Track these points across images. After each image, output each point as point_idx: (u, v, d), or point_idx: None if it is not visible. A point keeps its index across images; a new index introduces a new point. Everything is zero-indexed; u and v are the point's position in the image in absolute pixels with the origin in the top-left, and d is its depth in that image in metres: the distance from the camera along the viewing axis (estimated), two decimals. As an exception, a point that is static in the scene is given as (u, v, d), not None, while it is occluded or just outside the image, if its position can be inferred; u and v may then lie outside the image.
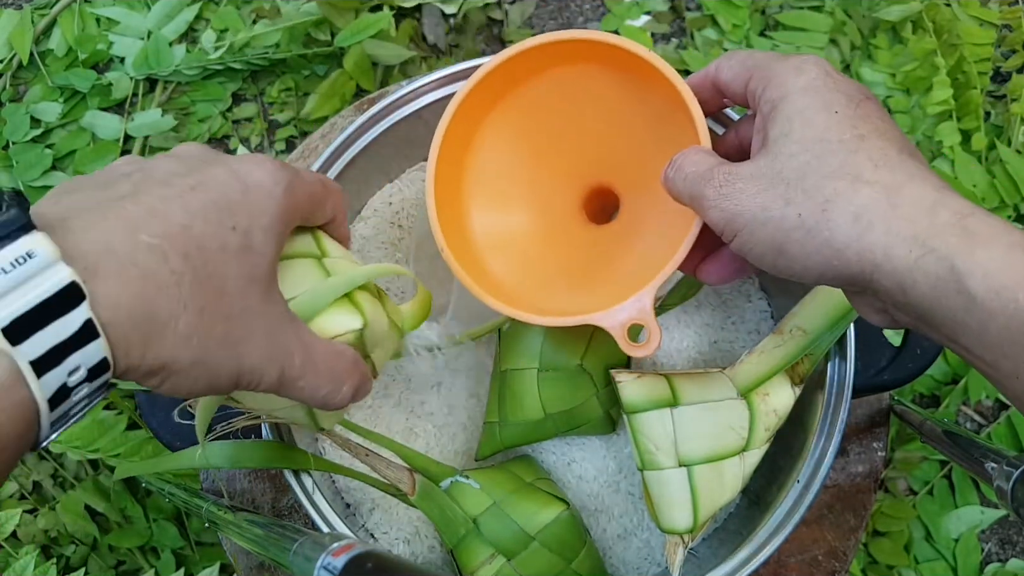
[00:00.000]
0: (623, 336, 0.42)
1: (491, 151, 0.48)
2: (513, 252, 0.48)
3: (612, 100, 0.45)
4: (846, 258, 0.29)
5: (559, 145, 0.47)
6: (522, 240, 0.48)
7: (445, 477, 0.48)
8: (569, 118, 0.47)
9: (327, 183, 0.35)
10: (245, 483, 0.56)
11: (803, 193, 0.30)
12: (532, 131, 0.47)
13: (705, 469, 0.45)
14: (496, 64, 0.44)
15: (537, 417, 0.50)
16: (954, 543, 0.63)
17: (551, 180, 0.48)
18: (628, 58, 0.42)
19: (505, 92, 0.46)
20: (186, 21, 0.74)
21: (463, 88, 0.45)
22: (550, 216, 0.48)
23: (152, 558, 0.64)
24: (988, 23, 0.74)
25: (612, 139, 0.46)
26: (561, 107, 0.46)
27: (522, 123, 0.47)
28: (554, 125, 0.47)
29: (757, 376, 0.46)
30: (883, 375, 0.49)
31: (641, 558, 0.53)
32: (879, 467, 0.56)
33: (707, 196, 0.33)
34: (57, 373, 0.23)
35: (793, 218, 0.30)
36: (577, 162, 0.48)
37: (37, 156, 0.70)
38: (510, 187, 0.48)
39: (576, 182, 0.48)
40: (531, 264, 0.48)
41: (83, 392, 0.24)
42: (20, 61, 0.73)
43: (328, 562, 0.35)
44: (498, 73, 0.45)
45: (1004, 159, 0.70)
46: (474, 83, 0.45)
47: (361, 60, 0.71)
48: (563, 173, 0.48)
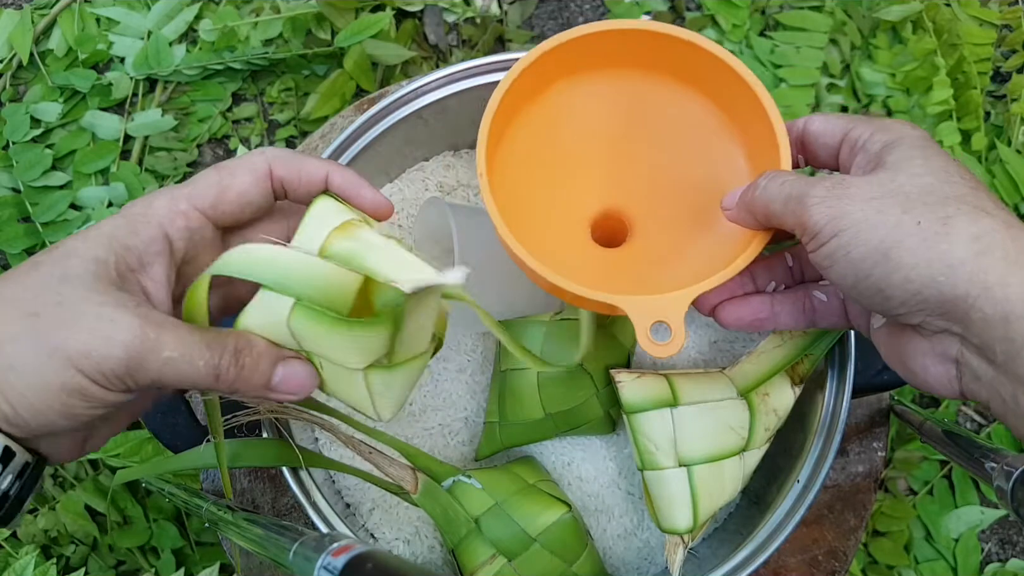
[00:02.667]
0: (645, 330, 0.39)
1: (513, 157, 0.44)
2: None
3: (650, 112, 0.43)
4: (956, 276, 0.28)
5: (579, 160, 0.44)
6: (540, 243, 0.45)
7: (447, 476, 0.48)
8: (593, 131, 0.44)
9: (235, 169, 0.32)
10: (245, 483, 0.56)
11: (924, 206, 0.29)
12: (555, 141, 0.44)
13: (705, 469, 0.45)
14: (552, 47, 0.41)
15: (537, 417, 0.50)
16: (954, 543, 0.63)
17: (567, 190, 0.44)
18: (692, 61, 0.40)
19: (536, 92, 0.43)
20: (186, 21, 0.74)
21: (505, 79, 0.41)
22: (565, 224, 0.45)
23: (152, 558, 0.64)
24: (988, 23, 0.74)
25: (637, 157, 0.43)
26: (590, 118, 0.44)
27: (543, 132, 0.44)
28: (577, 138, 0.44)
29: (757, 376, 0.46)
30: (883, 375, 0.49)
31: (641, 558, 0.53)
32: (879, 467, 0.56)
33: (814, 194, 0.31)
34: None
35: (910, 224, 0.29)
36: (595, 178, 0.44)
37: (37, 156, 0.70)
38: (527, 196, 0.45)
39: (589, 200, 0.44)
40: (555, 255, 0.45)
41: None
42: (20, 61, 0.73)
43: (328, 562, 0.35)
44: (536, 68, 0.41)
45: (1004, 159, 0.70)
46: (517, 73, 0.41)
47: (361, 60, 0.71)
48: (579, 186, 0.44)
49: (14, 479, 0.29)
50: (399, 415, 0.54)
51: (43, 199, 0.69)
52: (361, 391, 0.32)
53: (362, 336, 0.29)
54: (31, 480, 0.30)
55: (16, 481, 0.29)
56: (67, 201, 0.70)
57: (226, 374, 0.29)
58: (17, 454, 0.28)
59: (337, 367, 0.30)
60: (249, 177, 0.32)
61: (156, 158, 0.72)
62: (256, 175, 0.32)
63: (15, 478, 0.29)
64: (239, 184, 0.32)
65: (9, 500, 0.29)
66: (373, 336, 0.30)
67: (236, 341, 0.30)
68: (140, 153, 0.72)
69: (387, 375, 0.30)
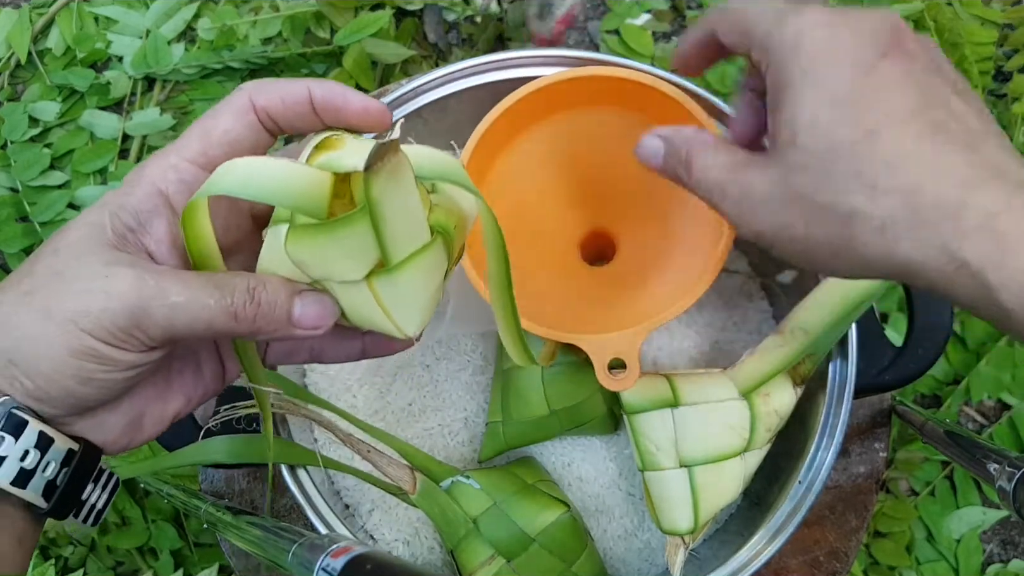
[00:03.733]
0: (603, 365, 0.43)
1: (503, 187, 0.48)
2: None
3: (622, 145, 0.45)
4: (881, 269, 0.28)
5: (563, 186, 0.48)
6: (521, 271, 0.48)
7: (446, 477, 0.48)
8: (573, 162, 0.47)
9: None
10: (244, 484, 0.55)
11: (821, 210, 0.28)
12: (538, 174, 0.48)
13: (706, 470, 0.45)
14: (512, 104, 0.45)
15: (542, 413, 0.50)
16: (956, 544, 0.63)
17: (553, 220, 0.48)
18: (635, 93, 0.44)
19: (518, 131, 0.47)
20: (184, 20, 0.73)
21: (483, 122, 0.45)
22: (550, 255, 0.49)
23: (151, 559, 0.64)
24: (990, 22, 0.74)
25: (613, 184, 0.47)
26: (567, 150, 0.47)
27: (529, 165, 0.48)
28: (559, 168, 0.48)
29: (758, 376, 0.46)
30: (885, 375, 0.49)
31: (642, 559, 0.53)
32: (880, 468, 0.56)
33: (726, 213, 0.31)
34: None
35: (818, 239, 0.28)
36: (577, 206, 0.48)
37: (35, 155, 0.70)
38: (517, 224, 0.47)
39: (575, 225, 0.49)
40: (526, 287, 0.47)
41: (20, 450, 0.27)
42: (18, 60, 0.73)
43: (327, 563, 0.35)
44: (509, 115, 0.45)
45: (1006, 158, 0.70)
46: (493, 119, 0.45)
47: (360, 59, 0.71)
48: (564, 215, 0.49)
49: (58, 467, 0.28)
50: (392, 416, 0.54)
51: (41, 198, 0.69)
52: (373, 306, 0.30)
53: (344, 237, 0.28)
54: (81, 469, 0.29)
55: (61, 469, 0.28)
56: (65, 200, 0.69)
57: (243, 312, 0.28)
58: (56, 440, 0.28)
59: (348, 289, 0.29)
60: (230, 115, 0.30)
61: (155, 157, 0.72)
62: (237, 111, 0.30)
63: (59, 466, 0.28)
64: (222, 124, 0.30)
65: (58, 489, 0.28)
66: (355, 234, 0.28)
67: (248, 280, 0.28)
68: (139, 152, 0.72)
69: (391, 279, 0.29)
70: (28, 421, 0.27)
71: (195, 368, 0.32)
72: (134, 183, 0.30)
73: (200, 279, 0.28)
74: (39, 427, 0.27)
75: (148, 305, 0.27)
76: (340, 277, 0.29)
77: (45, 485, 0.28)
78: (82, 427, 0.29)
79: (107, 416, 0.30)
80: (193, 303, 0.27)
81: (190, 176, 0.30)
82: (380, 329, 0.31)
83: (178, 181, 0.30)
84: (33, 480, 0.28)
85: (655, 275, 0.46)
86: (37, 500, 0.28)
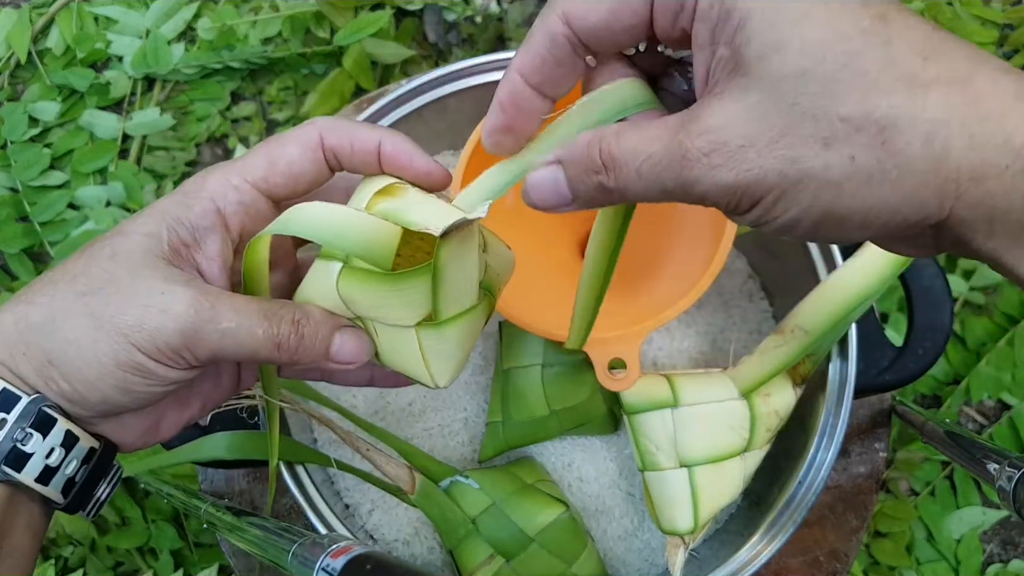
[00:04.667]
0: (603, 365, 0.43)
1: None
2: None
3: None
4: (921, 199, 0.21)
5: None
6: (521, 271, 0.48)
7: (445, 476, 0.48)
8: None
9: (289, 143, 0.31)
10: (244, 484, 0.55)
11: (845, 124, 0.21)
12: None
13: (706, 470, 0.45)
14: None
15: (542, 413, 0.50)
16: (956, 544, 0.63)
17: (553, 220, 0.48)
18: None
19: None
20: (184, 20, 0.73)
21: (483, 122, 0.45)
22: (550, 255, 0.49)
23: (150, 559, 0.64)
24: (990, 22, 0.74)
25: None
26: None
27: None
28: None
29: (758, 376, 0.46)
30: (885, 375, 0.49)
31: (642, 559, 0.53)
32: (881, 468, 0.56)
33: (696, 179, 0.23)
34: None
35: (844, 165, 0.21)
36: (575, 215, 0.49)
37: (35, 155, 0.70)
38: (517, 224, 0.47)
39: (575, 225, 0.49)
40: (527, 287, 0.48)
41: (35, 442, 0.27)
42: (18, 60, 0.73)
43: (327, 563, 0.35)
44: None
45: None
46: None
47: (361, 59, 0.71)
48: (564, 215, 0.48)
49: (79, 464, 0.29)
50: (392, 416, 0.54)
51: (41, 198, 0.69)
52: (415, 353, 0.31)
53: (404, 288, 0.29)
54: (99, 467, 0.30)
55: (82, 467, 0.29)
56: (65, 200, 0.69)
57: (286, 343, 0.29)
58: (80, 439, 0.28)
59: (390, 332, 0.30)
60: (298, 148, 0.31)
61: (154, 157, 0.72)
62: (305, 145, 0.31)
63: (80, 464, 0.29)
64: (288, 154, 0.31)
65: (76, 486, 0.29)
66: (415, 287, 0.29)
67: (294, 311, 0.29)
68: (138, 152, 0.72)
69: (438, 333, 0.30)
70: (56, 419, 0.28)
71: (215, 377, 0.33)
72: (193, 195, 0.30)
73: (251, 306, 0.28)
74: (67, 426, 0.28)
75: (201, 328, 0.27)
76: (392, 321, 0.30)
77: (65, 482, 0.29)
78: (104, 427, 0.30)
79: (130, 419, 0.30)
80: (242, 331, 0.28)
81: (249, 199, 0.30)
82: (411, 375, 0.32)
83: (237, 202, 0.30)
84: (55, 477, 0.28)
85: (655, 275, 0.46)
86: (56, 496, 0.29)
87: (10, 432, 0.27)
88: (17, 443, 0.27)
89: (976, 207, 0.21)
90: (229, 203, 0.30)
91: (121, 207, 0.69)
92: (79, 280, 0.28)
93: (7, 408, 0.27)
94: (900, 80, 0.21)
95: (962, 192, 0.21)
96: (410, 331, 0.30)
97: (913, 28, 0.21)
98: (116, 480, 0.32)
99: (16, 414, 0.27)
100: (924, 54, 0.21)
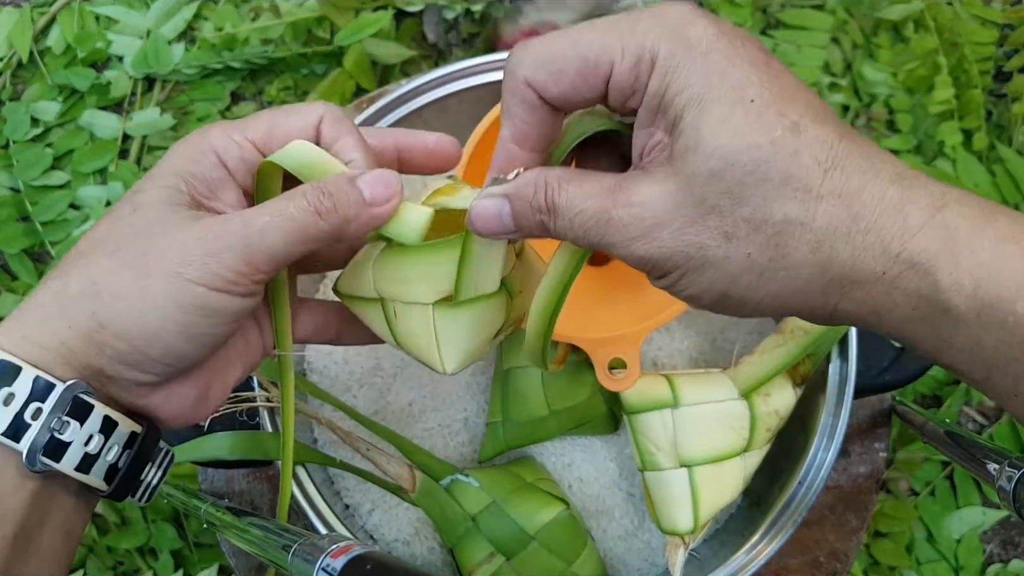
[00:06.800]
0: (603, 365, 0.43)
1: None
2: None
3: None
4: (809, 294, 0.24)
5: None
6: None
7: (445, 475, 0.48)
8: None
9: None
10: (244, 484, 0.55)
11: (745, 224, 0.24)
12: None
13: (706, 470, 0.45)
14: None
15: (542, 414, 0.50)
16: (956, 544, 0.63)
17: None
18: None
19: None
20: (185, 20, 0.73)
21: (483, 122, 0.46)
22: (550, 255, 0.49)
23: (150, 559, 0.64)
24: (990, 22, 0.74)
25: None
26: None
27: None
28: None
29: (758, 376, 0.46)
30: (885, 375, 0.49)
31: (642, 559, 0.53)
32: (881, 468, 0.56)
33: (615, 244, 0.25)
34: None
35: (740, 258, 0.24)
36: None
37: (37, 155, 0.70)
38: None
39: None
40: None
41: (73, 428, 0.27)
42: (19, 59, 0.73)
43: (327, 564, 0.35)
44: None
45: (1005, 159, 0.70)
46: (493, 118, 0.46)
47: (361, 59, 0.71)
48: None
49: (120, 450, 0.28)
50: (391, 416, 0.54)
51: (43, 198, 0.69)
52: (429, 333, 0.31)
53: (432, 261, 0.30)
54: (143, 451, 0.29)
55: (124, 452, 0.28)
56: (67, 201, 0.69)
57: (322, 205, 0.28)
58: (120, 424, 0.28)
59: (409, 312, 0.31)
60: (298, 123, 0.31)
61: (155, 157, 0.72)
62: (305, 123, 0.31)
63: (121, 449, 0.28)
64: (289, 126, 0.31)
65: (120, 472, 0.29)
66: (441, 262, 0.30)
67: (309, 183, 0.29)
68: (139, 152, 0.72)
69: (453, 314, 0.31)
70: (94, 405, 0.27)
71: (243, 336, 0.33)
72: (198, 151, 0.30)
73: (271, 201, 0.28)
74: (104, 411, 0.27)
75: (245, 236, 0.27)
76: (412, 298, 0.31)
77: (107, 468, 0.28)
78: (154, 400, 0.29)
79: (179, 388, 0.30)
80: (278, 217, 0.28)
81: (251, 156, 0.30)
82: (422, 358, 0.32)
83: (240, 159, 0.30)
84: (96, 464, 0.28)
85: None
86: (99, 484, 0.28)
87: (46, 422, 0.26)
88: (54, 432, 0.26)
89: (861, 305, 0.24)
90: (231, 158, 0.30)
91: (121, 207, 0.69)
92: (108, 242, 0.28)
93: (42, 397, 0.26)
94: (798, 190, 0.23)
95: (845, 292, 0.24)
96: (427, 309, 0.31)
97: (822, 141, 0.24)
98: (167, 463, 0.31)
99: (52, 402, 0.26)
100: (826, 166, 0.23)
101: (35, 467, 0.26)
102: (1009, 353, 0.23)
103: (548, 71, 0.26)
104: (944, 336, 0.24)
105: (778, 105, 0.24)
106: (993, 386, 0.24)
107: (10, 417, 0.26)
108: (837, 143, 0.24)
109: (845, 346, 0.47)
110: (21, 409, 0.26)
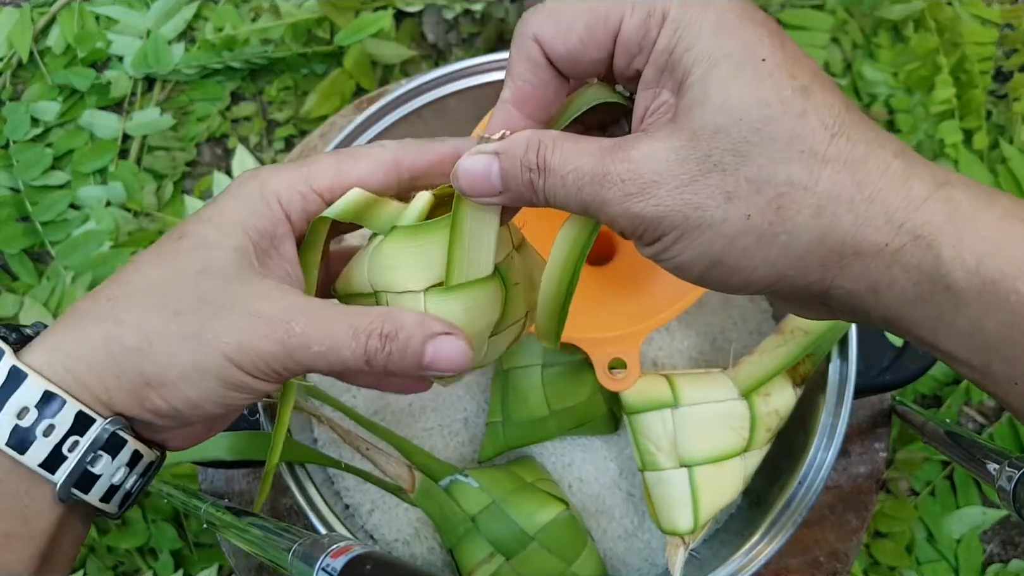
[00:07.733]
0: (603, 365, 0.43)
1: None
2: None
3: None
4: (805, 265, 0.24)
5: None
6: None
7: (444, 475, 0.48)
8: None
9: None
10: (244, 484, 0.55)
11: (747, 183, 0.23)
12: None
13: (706, 470, 0.45)
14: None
15: (542, 414, 0.50)
16: (956, 544, 0.63)
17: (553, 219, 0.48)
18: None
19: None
20: (185, 20, 0.73)
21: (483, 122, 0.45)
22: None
23: (150, 559, 0.64)
24: (990, 22, 0.74)
25: None
26: None
27: None
28: None
29: (758, 376, 0.46)
30: (885, 375, 0.49)
31: (642, 559, 0.53)
32: (881, 468, 0.56)
33: (609, 201, 0.25)
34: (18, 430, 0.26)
35: (738, 220, 0.23)
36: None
37: (37, 155, 0.70)
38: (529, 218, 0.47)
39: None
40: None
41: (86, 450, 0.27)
42: (19, 59, 0.73)
43: (327, 564, 0.35)
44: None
45: (1006, 158, 0.70)
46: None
47: (361, 59, 0.71)
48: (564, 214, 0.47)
49: (137, 478, 0.29)
50: (391, 417, 0.54)
51: (43, 199, 0.69)
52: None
53: (422, 242, 0.30)
54: (151, 476, 0.30)
55: (139, 479, 0.30)
56: (67, 201, 0.69)
57: (375, 359, 0.28)
58: (144, 456, 0.29)
59: (399, 301, 0.30)
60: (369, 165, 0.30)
61: (155, 157, 0.72)
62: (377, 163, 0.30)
63: (138, 477, 0.29)
64: (360, 170, 0.30)
65: (132, 498, 0.30)
66: (432, 243, 0.29)
67: (383, 323, 0.28)
68: (138, 152, 0.72)
69: (446, 300, 0.30)
70: (127, 440, 0.28)
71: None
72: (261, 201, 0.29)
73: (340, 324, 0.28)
74: (135, 446, 0.28)
75: (295, 350, 0.27)
76: (403, 287, 0.30)
77: (123, 496, 0.29)
78: (169, 435, 0.30)
79: (200, 426, 0.31)
80: (332, 353, 0.28)
81: (314, 208, 0.30)
82: None
83: (303, 211, 0.30)
84: (116, 494, 0.29)
85: (655, 275, 0.46)
86: (113, 510, 0.29)
87: (83, 456, 0.27)
88: (87, 465, 0.27)
89: (859, 280, 0.24)
90: (295, 211, 0.30)
91: (121, 207, 0.69)
92: (171, 298, 0.27)
93: (80, 431, 0.27)
94: (804, 152, 0.23)
95: (844, 265, 0.23)
96: (418, 297, 0.30)
97: (830, 106, 0.23)
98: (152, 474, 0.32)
99: (90, 439, 0.27)
100: (833, 131, 0.23)
101: (67, 500, 0.27)
102: (1009, 335, 0.22)
103: (556, 26, 0.25)
104: (944, 316, 0.23)
105: (789, 67, 0.23)
106: (992, 374, 0.23)
107: (49, 449, 0.26)
108: (844, 112, 0.23)
109: (845, 346, 0.47)
110: (60, 442, 0.27)
